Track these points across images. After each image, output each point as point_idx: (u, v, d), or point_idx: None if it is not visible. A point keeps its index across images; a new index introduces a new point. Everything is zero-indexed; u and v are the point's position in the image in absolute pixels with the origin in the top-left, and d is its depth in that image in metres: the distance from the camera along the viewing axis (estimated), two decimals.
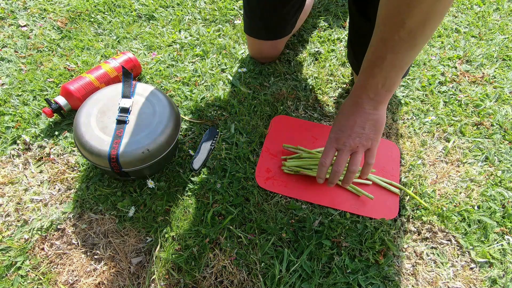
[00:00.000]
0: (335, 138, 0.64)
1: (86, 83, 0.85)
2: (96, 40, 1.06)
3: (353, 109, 0.62)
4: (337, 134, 0.64)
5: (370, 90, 0.59)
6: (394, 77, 0.57)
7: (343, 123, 0.63)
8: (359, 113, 0.61)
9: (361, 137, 0.62)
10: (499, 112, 0.90)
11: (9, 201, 0.73)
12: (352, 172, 0.63)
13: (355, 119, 0.62)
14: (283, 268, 0.63)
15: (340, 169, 0.63)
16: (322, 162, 0.65)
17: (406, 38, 0.51)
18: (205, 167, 0.78)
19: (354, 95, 0.62)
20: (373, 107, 0.61)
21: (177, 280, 0.63)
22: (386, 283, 0.63)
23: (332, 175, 0.65)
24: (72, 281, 0.64)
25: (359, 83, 0.61)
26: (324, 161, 0.65)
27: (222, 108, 0.89)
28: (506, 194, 0.75)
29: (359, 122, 0.62)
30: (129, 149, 0.65)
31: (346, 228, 0.68)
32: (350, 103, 0.63)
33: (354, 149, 0.63)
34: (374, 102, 0.60)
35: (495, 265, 0.66)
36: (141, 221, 0.70)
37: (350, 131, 0.62)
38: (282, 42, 0.96)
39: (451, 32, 1.12)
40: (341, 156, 0.63)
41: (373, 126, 0.62)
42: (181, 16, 1.14)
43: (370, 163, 0.64)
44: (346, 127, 0.63)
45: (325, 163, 0.65)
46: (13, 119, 0.85)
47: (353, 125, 0.62)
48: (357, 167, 0.63)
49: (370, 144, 0.63)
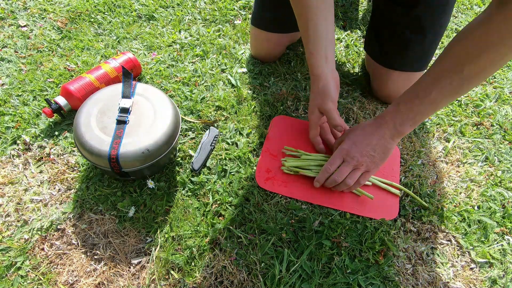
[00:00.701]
0: (347, 150, 0.66)
1: (86, 83, 0.85)
2: (96, 40, 1.06)
3: (374, 130, 0.65)
4: (350, 146, 0.66)
5: (399, 118, 0.61)
6: (426, 115, 0.60)
7: (359, 139, 0.65)
8: (377, 136, 0.64)
9: (369, 158, 0.65)
10: (499, 112, 0.90)
11: (9, 201, 0.73)
12: (347, 185, 0.68)
13: (371, 139, 0.64)
14: (283, 268, 0.63)
15: (339, 179, 0.67)
16: (327, 168, 0.68)
17: (457, 84, 0.54)
18: (205, 167, 0.78)
19: (381, 117, 0.64)
20: (392, 136, 0.63)
21: (177, 280, 0.63)
22: (386, 283, 0.63)
23: (330, 182, 0.69)
24: (72, 281, 0.64)
25: (392, 108, 0.63)
26: (329, 167, 0.68)
27: (222, 108, 0.89)
28: (506, 194, 0.75)
29: (374, 144, 0.64)
30: (129, 149, 0.65)
31: (346, 228, 0.68)
32: (373, 123, 0.65)
33: (358, 166, 0.66)
34: (395, 131, 0.62)
35: (495, 265, 0.66)
36: (141, 221, 0.70)
37: (363, 149, 0.65)
38: (287, 38, 0.95)
39: (451, 32, 1.12)
40: (345, 167, 0.66)
41: (382, 153, 0.65)
42: (181, 16, 1.14)
43: (360, 183, 0.68)
44: (361, 144, 0.65)
45: (330, 169, 0.68)
46: (13, 119, 0.85)
47: (368, 144, 0.64)
48: (352, 182, 0.67)
49: (371, 168, 0.66)
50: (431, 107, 0.58)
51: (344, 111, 0.89)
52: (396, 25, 0.79)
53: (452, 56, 0.54)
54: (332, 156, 0.68)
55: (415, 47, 0.79)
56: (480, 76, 0.53)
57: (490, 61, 0.50)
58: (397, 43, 0.81)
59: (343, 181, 0.68)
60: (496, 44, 0.48)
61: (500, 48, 0.48)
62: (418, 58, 0.82)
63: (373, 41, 0.87)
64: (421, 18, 0.75)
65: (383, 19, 0.83)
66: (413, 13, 0.75)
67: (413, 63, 0.83)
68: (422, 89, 0.58)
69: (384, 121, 0.63)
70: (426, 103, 0.58)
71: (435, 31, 0.78)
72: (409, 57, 0.81)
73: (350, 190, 0.71)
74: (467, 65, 0.52)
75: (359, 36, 1.09)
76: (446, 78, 0.54)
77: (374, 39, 0.86)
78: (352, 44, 1.06)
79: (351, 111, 0.89)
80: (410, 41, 0.78)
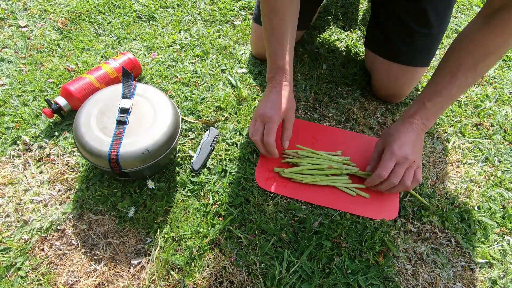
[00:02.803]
0: (396, 152, 0.66)
1: (86, 83, 0.85)
2: (96, 41, 1.06)
3: (409, 129, 0.68)
4: (399, 148, 0.66)
5: (426, 115, 0.67)
6: (445, 109, 0.68)
7: (403, 140, 0.67)
8: (414, 133, 0.68)
9: (417, 154, 0.67)
10: (499, 112, 0.90)
11: (9, 201, 0.73)
12: (405, 186, 0.66)
13: (411, 137, 0.67)
14: (283, 268, 0.63)
15: (397, 181, 0.66)
16: (381, 174, 0.67)
17: (471, 80, 0.63)
18: (205, 168, 0.78)
19: (410, 116, 0.68)
20: (422, 131, 0.69)
21: (177, 281, 0.63)
22: (386, 283, 0.63)
23: (386, 185, 0.68)
24: (72, 282, 0.64)
25: (418, 105, 0.68)
26: (383, 173, 0.66)
27: (222, 109, 0.89)
28: (506, 195, 0.75)
29: (415, 141, 0.68)
30: (129, 149, 0.65)
31: (346, 229, 0.68)
32: (405, 123, 0.69)
33: (411, 164, 0.66)
34: (424, 126, 0.68)
35: (495, 265, 0.66)
36: (141, 222, 0.70)
37: (411, 148, 0.66)
38: None
39: (451, 32, 1.12)
40: (399, 169, 0.66)
41: (420, 146, 0.69)
42: (181, 16, 1.14)
43: (420, 180, 0.67)
44: (408, 144, 0.67)
45: (384, 175, 0.66)
46: (13, 120, 0.85)
47: (411, 142, 0.67)
48: (410, 182, 0.66)
49: (420, 163, 0.68)
50: (450, 102, 0.66)
51: (344, 111, 0.89)
52: (401, 17, 0.80)
53: (466, 55, 0.62)
54: (383, 162, 0.67)
55: (420, 39, 0.80)
56: (487, 71, 0.63)
57: (495, 60, 0.61)
58: (403, 34, 0.81)
59: (401, 182, 0.66)
60: (500, 47, 0.59)
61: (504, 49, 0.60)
62: (422, 51, 0.82)
63: (377, 35, 0.87)
64: (427, 12, 0.76)
65: (387, 12, 0.83)
66: (418, 6, 0.76)
67: (418, 57, 0.83)
68: (443, 87, 0.64)
69: (415, 119, 0.68)
70: (448, 99, 0.65)
71: (439, 27, 0.79)
72: (414, 49, 0.82)
73: (407, 190, 0.69)
74: (480, 63, 0.61)
75: (359, 37, 1.09)
76: (462, 76, 0.62)
77: (378, 32, 0.86)
78: (352, 44, 1.06)
79: (351, 112, 0.89)
80: (415, 32, 0.79)
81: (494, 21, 0.58)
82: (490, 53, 0.60)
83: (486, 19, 0.59)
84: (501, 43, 0.59)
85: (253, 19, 0.95)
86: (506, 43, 0.59)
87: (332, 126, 0.86)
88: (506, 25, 0.57)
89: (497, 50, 0.59)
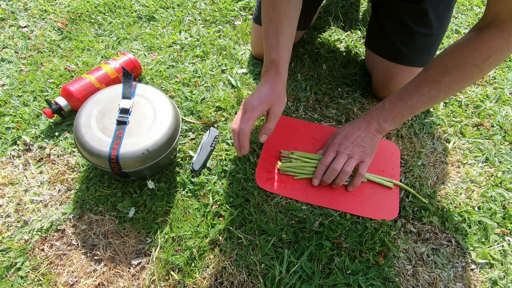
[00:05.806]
0: (338, 143, 0.73)
1: (87, 84, 0.85)
2: (96, 41, 1.06)
3: (362, 124, 0.72)
4: (341, 140, 0.73)
5: (382, 116, 0.70)
6: (405, 116, 0.68)
7: (349, 132, 0.73)
8: (365, 130, 0.71)
9: (360, 148, 0.71)
10: (499, 113, 0.90)
11: (9, 202, 0.73)
12: (346, 173, 0.70)
13: (360, 132, 0.72)
14: (283, 269, 0.63)
15: (337, 168, 0.70)
16: (323, 162, 0.72)
17: (435, 93, 0.63)
18: (205, 168, 0.78)
19: (368, 114, 0.72)
20: (376, 131, 0.71)
21: (177, 281, 0.63)
22: (386, 284, 0.63)
23: (328, 172, 0.71)
24: (72, 282, 0.64)
25: (378, 106, 0.72)
26: (325, 161, 0.72)
27: (222, 109, 0.89)
28: (507, 195, 0.75)
29: (362, 136, 0.71)
30: (129, 150, 0.65)
31: (346, 229, 0.68)
32: (362, 120, 0.73)
33: (351, 155, 0.70)
34: (379, 127, 0.71)
35: (496, 266, 0.66)
36: (141, 222, 0.70)
37: (353, 140, 0.71)
38: None
39: (451, 33, 1.12)
40: (340, 157, 0.71)
41: (371, 145, 0.72)
42: (181, 17, 1.14)
43: (361, 174, 0.71)
44: (351, 136, 0.72)
45: (326, 162, 0.72)
46: (13, 120, 0.85)
47: (358, 136, 0.72)
48: (350, 170, 0.70)
49: (365, 158, 0.71)
50: (410, 110, 0.66)
51: (344, 111, 0.89)
52: (402, 17, 0.80)
53: (435, 67, 0.62)
54: (326, 151, 0.73)
55: (420, 39, 0.80)
56: (455, 88, 0.61)
57: (462, 77, 0.59)
58: (403, 34, 0.81)
59: (343, 170, 0.70)
60: (469, 64, 0.58)
61: (472, 68, 0.58)
62: (423, 51, 0.82)
63: (378, 35, 0.87)
64: (427, 12, 0.76)
65: (387, 12, 0.83)
66: (419, 7, 0.76)
67: (418, 57, 0.83)
68: (406, 93, 0.66)
69: (370, 117, 0.72)
70: (407, 106, 0.66)
71: (439, 27, 0.79)
72: (415, 50, 0.82)
73: (354, 187, 0.72)
74: (445, 77, 0.61)
75: (359, 37, 1.09)
76: (426, 87, 0.63)
77: (378, 33, 0.86)
78: (352, 44, 1.06)
79: (351, 112, 0.89)
80: (415, 32, 0.79)
81: (477, 37, 0.57)
82: (456, 69, 0.59)
83: (472, 33, 0.58)
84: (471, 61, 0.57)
85: (253, 19, 0.95)
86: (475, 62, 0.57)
87: (332, 127, 0.86)
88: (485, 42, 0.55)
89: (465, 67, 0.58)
